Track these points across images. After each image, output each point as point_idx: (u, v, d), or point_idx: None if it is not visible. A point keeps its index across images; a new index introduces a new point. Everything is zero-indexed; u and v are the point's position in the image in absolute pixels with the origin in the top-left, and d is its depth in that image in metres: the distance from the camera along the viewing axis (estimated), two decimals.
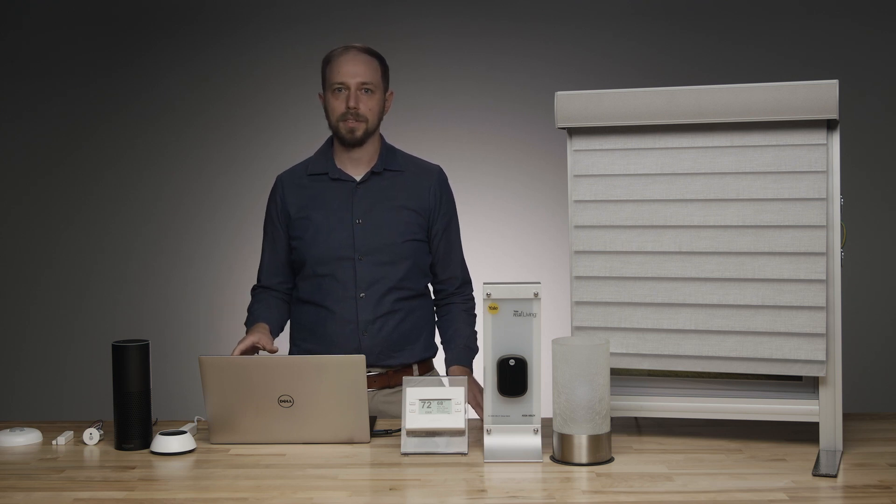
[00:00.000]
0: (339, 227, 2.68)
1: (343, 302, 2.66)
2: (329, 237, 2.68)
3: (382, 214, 2.70)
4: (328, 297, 2.68)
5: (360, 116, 2.66)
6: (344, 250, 2.67)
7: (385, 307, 2.67)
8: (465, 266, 2.86)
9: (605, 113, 2.28)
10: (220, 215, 4.68)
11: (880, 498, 1.90)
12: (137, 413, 2.33)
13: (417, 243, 2.72)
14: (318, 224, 2.70)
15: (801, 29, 4.54)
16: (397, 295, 2.68)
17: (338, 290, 2.67)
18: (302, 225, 2.72)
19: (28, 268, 4.71)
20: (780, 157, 2.21)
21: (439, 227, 2.77)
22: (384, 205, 2.71)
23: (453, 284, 2.83)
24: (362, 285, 2.66)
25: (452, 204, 2.83)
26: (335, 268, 2.67)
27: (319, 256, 2.69)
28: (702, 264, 2.27)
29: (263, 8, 4.67)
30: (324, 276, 2.69)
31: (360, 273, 2.66)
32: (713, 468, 2.10)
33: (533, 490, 1.98)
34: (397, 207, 2.71)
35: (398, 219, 2.70)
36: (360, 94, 2.66)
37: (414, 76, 4.64)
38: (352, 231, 2.68)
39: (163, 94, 4.69)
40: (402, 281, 2.69)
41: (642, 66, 4.54)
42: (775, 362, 2.23)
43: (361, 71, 2.66)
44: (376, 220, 2.69)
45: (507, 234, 4.66)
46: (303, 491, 1.99)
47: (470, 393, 2.63)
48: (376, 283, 2.66)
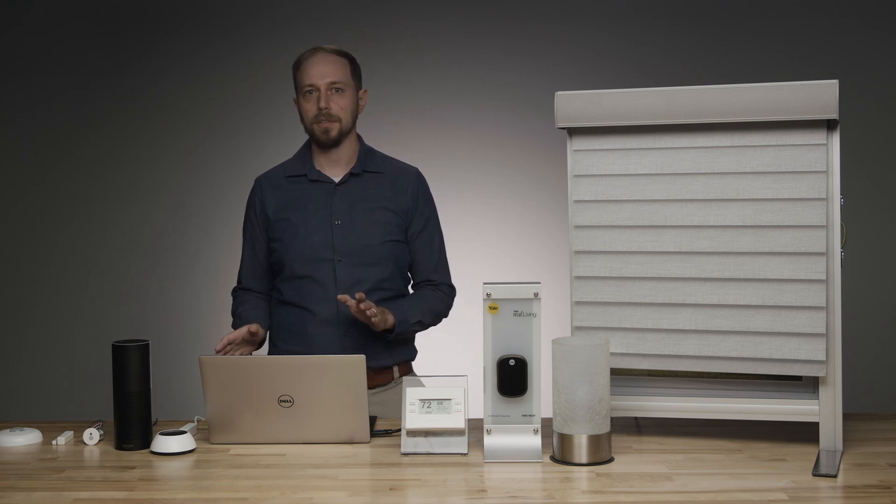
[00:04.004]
0: (317, 228, 2.67)
1: (323, 303, 2.65)
2: (308, 239, 2.67)
3: (361, 215, 2.69)
4: (308, 298, 2.67)
5: (333, 116, 2.65)
6: (323, 252, 2.66)
7: None
8: (444, 271, 2.81)
9: (605, 113, 2.27)
10: (220, 215, 4.68)
11: (880, 498, 1.90)
12: (137, 413, 2.33)
13: (397, 244, 2.71)
14: (297, 226, 2.69)
15: (801, 29, 4.54)
16: (378, 296, 2.66)
17: (318, 292, 2.66)
18: (280, 227, 2.71)
19: (28, 268, 4.71)
20: (780, 157, 2.21)
21: (416, 229, 2.75)
22: (363, 206, 2.70)
23: (430, 285, 2.79)
24: (342, 286, 2.64)
25: (431, 205, 2.80)
26: (314, 269, 2.67)
27: (298, 258, 2.68)
28: (702, 264, 2.27)
29: (263, 8, 4.67)
30: (303, 278, 2.68)
31: (340, 275, 2.65)
32: (713, 468, 2.10)
33: (533, 490, 1.98)
34: (376, 208, 2.70)
35: (377, 220, 2.69)
36: (330, 95, 2.65)
37: (414, 76, 4.64)
38: (331, 232, 2.67)
39: (163, 94, 4.69)
40: (382, 282, 2.69)
41: (642, 66, 4.54)
42: (775, 362, 2.23)
43: (330, 71, 2.65)
44: (355, 222, 2.68)
45: (507, 234, 4.66)
46: (303, 491, 1.99)
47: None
48: (356, 284, 2.65)
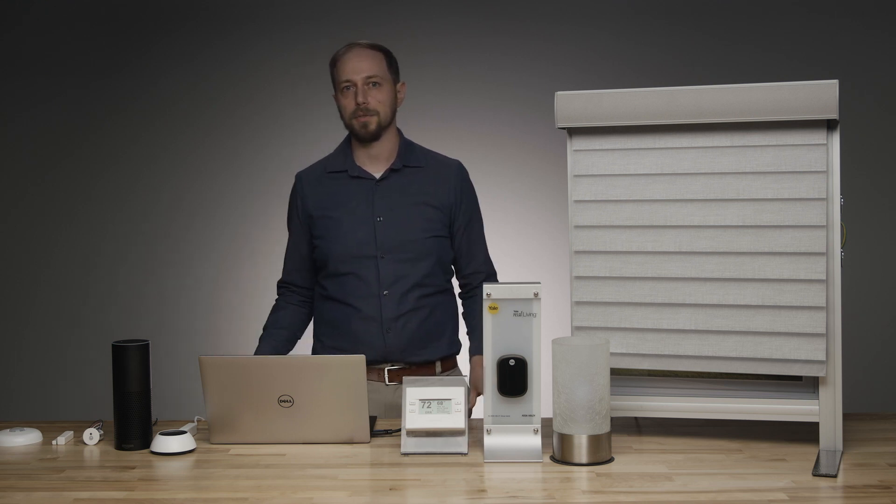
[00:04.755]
0: (360, 225, 2.68)
1: (367, 299, 2.67)
2: (351, 235, 2.68)
3: (403, 211, 2.69)
4: (352, 294, 2.68)
5: (371, 111, 2.66)
6: (366, 248, 2.67)
7: (408, 304, 2.67)
8: (489, 260, 2.86)
9: (605, 113, 2.27)
10: (220, 215, 4.68)
11: (880, 498, 1.90)
12: (137, 413, 2.33)
13: (439, 239, 2.72)
14: (340, 222, 2.70)
15: (801, 29, 4.54)
16: (421, 292, 2.68)
17: (361, 288, 2.67)
18: (323, 224, 2.72)
19: (28, 268, 4.71)
20: (780, 157, 2.21)
21: (461, 223, 2.77)
22: (405, 201, 2.70)
23: (478, 279, 2.82)
24: (385, 283, 2.66)
25: (474, 198, 2.82)
26: (358, 266, 2.67)
27: (341, 255, 2.69)
28: (702, 264, 2.27)
29: (263, 8, 4.67)
30: (347, 275, 2.69)
31: (383, 271, 2.66)
32: (713, 468, 2.10)
33: (533, 490, 1.98)
34: (418, 204, 2.71)
35: (419, 215, 2.70)
36: (367, 89, 2.66)
37: (414, 76, 4.61)
38: (373, 229, 2.67)
39: (163, 94, 4.68)
40: (425, 278, 2.69)
41: (642, 66, 4.54)
42: (775, 362, 2.23)
43: (366, 66, 2.67)
44: (397, 218, 2.69)
45: (507, 234, 4.66)
46: (303, 491, 1.99)
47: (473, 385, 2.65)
48: (399, 280, 2.66)
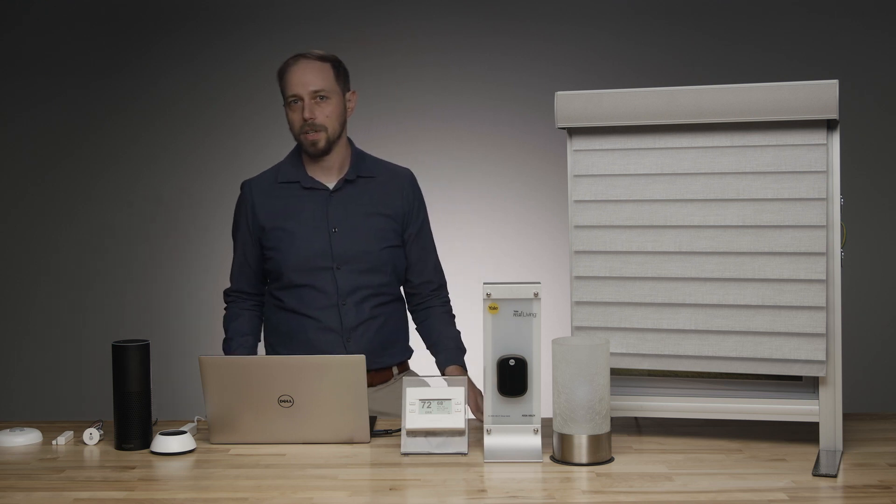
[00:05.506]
0: (315, 236, 2.66)
1: (326, 310, 2.65)
2: (306, 247, 2.65)
3: (358, 221, 2.67)
4: (310, 305, 2.65)
5: (318, 126, 2.62)
6: (322, 260, 2.65)
7: (365, 314, 2.66)
8: (440, 269, 2.83)
9: (605, 113, 2.27)
10: (220, 215, 4.66)
11: (880, 498, 1.90)
12: (137, 413, 2.33)
13: (394, 249, 2.71)
14: (294, 234, 2.67)
15: (801, 29, 4.54)
16: (377, 301, 2.68)
17: (320, 299, 2.65)
18: (276, 235, 2.68)
19: (28, 268, 4.70)
20: (780, 157, 2.21)
21: (412, 232, 2.75)
22: (359, 211, 2.68)
23: (429, 288, 2.80)
24: (343, 293, 2.64)
25: (424, 207, 2.81)
26: (314, 278, 2.65)
27: (297, 266, 2.66)
28: (702, 264, 2.27)
29: (263, 8, 4.67)
30: (303, 286, 2.66)
31: (341, 282, 2.65)
32: (713, 468, 2.10)
33: (533, 490, 1.98)
34: (372, 214, 2.69)
35: (373, 225, 2.68)
36: (314, 104, 2.61)
37: (413, 76, 4.64)
38: (329, 240, 2.65)
39: (163, 94, 4.68)
40: (381, 287, 2.69)
41: (642, 66, 4.54)
42: (775, 362, 2.23)
43: (311, 79, 2.61)
44: (352, 228, 2.67)
45: (507, 234, 4.66)
46: (303, 491, 1.99)
47: (471, 395, 2.62)
48: (357, 290, 2.65)
